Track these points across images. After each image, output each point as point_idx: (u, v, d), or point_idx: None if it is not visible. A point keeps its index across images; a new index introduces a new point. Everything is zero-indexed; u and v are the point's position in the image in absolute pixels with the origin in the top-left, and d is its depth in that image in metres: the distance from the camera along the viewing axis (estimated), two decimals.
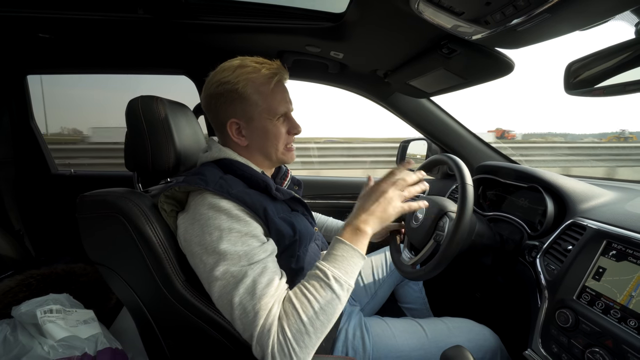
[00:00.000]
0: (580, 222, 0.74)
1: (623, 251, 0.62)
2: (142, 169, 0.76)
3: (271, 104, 0.70)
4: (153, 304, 0.66)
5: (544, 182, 0.91)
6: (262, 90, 0.69)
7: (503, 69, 0.78)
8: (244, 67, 0.69)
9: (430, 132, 1.39)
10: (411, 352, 0.80)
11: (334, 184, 1.57)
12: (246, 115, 0.70)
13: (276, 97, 0.71)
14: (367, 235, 0.63)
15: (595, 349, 0.58)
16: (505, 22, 0.49)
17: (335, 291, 0.57)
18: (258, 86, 0.69)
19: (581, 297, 0.65)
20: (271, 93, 0.70)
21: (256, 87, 0.69)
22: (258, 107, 0.69)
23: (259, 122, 0.71)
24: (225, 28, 0.96)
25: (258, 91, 0.69)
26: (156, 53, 1.19)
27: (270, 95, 0.70)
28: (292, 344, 0.53)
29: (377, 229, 0.64)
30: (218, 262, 0.57)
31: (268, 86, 0.69)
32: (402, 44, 0.87)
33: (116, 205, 0.63)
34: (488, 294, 1.28)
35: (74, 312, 0.87)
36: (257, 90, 0.69)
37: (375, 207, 0.65)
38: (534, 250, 0.84)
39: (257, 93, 0.69)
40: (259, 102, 0.69)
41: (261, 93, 0.69)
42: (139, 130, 0.72)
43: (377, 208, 0.65)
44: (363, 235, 0.63)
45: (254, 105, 0.69)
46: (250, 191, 0.67)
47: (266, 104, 0.70)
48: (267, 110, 0.70)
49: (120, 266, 0.66)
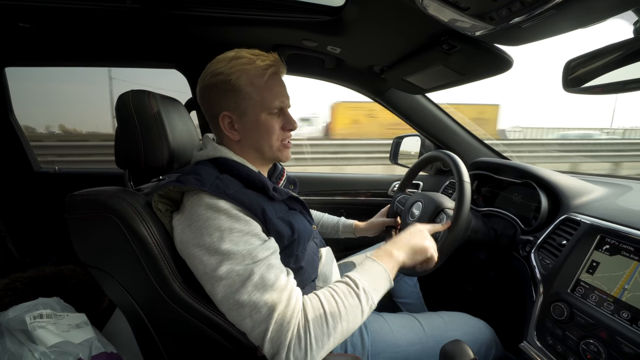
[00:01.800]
0: (574, 218, 0.75)
1: (616, 245, 0.64)
2: (134, 167, 0.73)
3: (265, 98, 0.68)
4: (149, 306, 0.64)
5: (538, 178, 0.92)
6: (256, 82, 0.67)
7: (502, 66, 0.78)
8: (238, 59, 0.67)
9: (424, 128, 1.39)
10: (409, 346, 0.80)
11: (328, 180, 1.57)
12: (239, 109, 0.68)
13: (271, 90, 0.68)
14: (398, 262, 0.66)
15: (589, 340, 0.60)
16: (511, 18, 0.49)
17: (361, 301, 0.57)
18: (252, 78, 0.66)
19: (575, 291, 0.67)
20: (265, 86, 0.68)
21: (250, 79, 0.66)
22: (251, 100, 0.67)
23: (252, 115, 0.68)
24: (218, 20, 0.93)
25: (252, 83, 0.67)
26: (145, 45, 1.14)
27: (265, 88, 0.68)
28: (311, 340, 0.52)
29: (407, 259, 0.68)
30: (221, 262, 0.56)
31: (262, 78, 0.67)
32: (401, 40, 0.86)
33: (109, 205, 0.61)
34: (482, 288, 1.30)
35: (66, 317, 0.83)
36: (250, 82, 0.66)
37: (411, 240, 0.71)
38: (528, 245, 0.86)
39: (250, 85, 0.66)
40: (252, 95, 0.67)
41: (255, 86, 0.67)
42: (130, 126, 0.69)
43: (412, 240, 0.71)
44: (394, 260, 0.66)
45: (247, 98, 0.67)
46: (248, 191, 0.65)
47: (260, 97, 0.67)
48: (261, 104, 0.68)
49: (114, 268, 0.64)
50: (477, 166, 1.19)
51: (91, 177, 1.63)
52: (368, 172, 0.71)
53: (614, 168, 7.71)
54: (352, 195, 1.55)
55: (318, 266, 0.79)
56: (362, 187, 1.56)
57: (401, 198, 1.06)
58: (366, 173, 1.69)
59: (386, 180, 1.58)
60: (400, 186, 1.13)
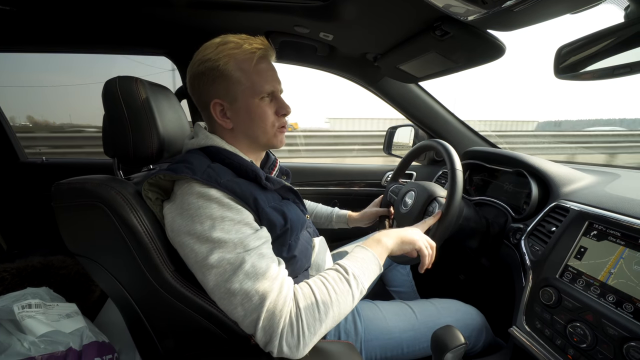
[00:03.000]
0: (564, 205, 0.77)
1: (604, 231, 0.65)
2: (122, 155, 0.71)
3: (255, 82, 0.66)
4: (141, 296, 0.64)
5: (529, 166, 0.93)
6: (244, 67, 0.65)
7: (494, 53, 0.77)
8: (225, 44, 0.65)
9: (417, 117, 1.39)
10: (402, 333, 0.82)
11: (321, 170, 1.56)
12: (229, 95, 0.66)
13: (261, 74, 0.67)
14: (386, 248, 0.68)
15: (576, 323, 0.61)
16: (503, 1, 0.48)
17: (351, 286, 0.58)
18: (240, 63, 0.65)
19: (564, 276, 0.68)
20: (255, 70, 0.66)
21: (238, 64, 0.65)
22: (241, 85, 0.66)
23: (242, 101, 0.67)
24: (208, 4, 0.90)
25: (240, 68, 0.65)
26: (133, 31, 1.11)
27: (254, 72, 0.66)
28: (303, 327, 0.52)
29: (395, 246, 0.70)
30: (212, 251, 0.55)
31: (251, 62, 0.65)
32: (394, 26, 0.85)
33: (97, 193, 0.59)
34: (473, 275, 1.33)
35: (55, 306, 0.82)
36: (239, 67, 0.65)
37: (401, 230, 0.74)
38: (518, 233, 0.87)
39: (239, 70, 0.65)
40: (241, 80, 0.65)
41: (244, 70, 0.65)
42: (118, 114, 0.67)
43: (401, 231, 0.73)
44: (383, 247, 0.68)
45: (236, 83, 0.65)
46: (240, 180, 0.64)
47: (250, 81, 0.66)
48: (251, 89, 0.66)
49: (103, 257, 0.63)
50: (470, 155, 1.19)
51: (80, 167, 1.59)
52: (362, 162, 0.71)
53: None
54: (345, 185, 1.55)
55: (311, 255, 0.79)
56: (355, 177, 1.56)
57: (394, 188, 1.06)
58: (360, 163, 1.69)
59: (380, 171, 1.58)
60: (394, 176, 1.13)
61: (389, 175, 1.56)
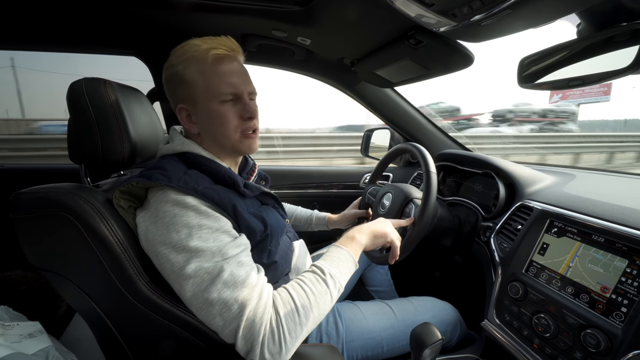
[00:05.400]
0: (528, 204, 0.82)
1: (563, 228, 0.71)
2: (90, 161, 0.68)
3: (212, 83, 0.63)
4: (113, 310, 0.61)
5: (497, 168, 0.99)
6: (201, 68, 0.63)
7: (464, 62, 0.82)
8: (186, 47, 0.64)
9: (393, 121, 1.43)
10: (382, 332, 0.84)
11: (300, 173, 1.56)
12: (190, 99, 0.65)
13: (218, 75, 0.63)
14: (360, 244, 0.69)
15: (540, 314, 0.66)
16: (471, 15, 0.52)
17: (329, 286, 0.59)
18: (199, 65, 0.63)
19: (529, 271, 0.73)
20: (211, 71, 0.63)
21: (197, 67, 0.63)
22: (198, 88, 0.63)
23: (202, 105, 0.64)
24: (182, 5, 0.88)
25: (199, 71, 0.63)
26: (102, 30, 1.04)
27: (211, 73, 0.63)
28: (284, 333, 0.52)
29: (368, 242, 0.71)
30: (189, 260, 0.54)
31: (206, 63, 0.63)
32: (370, 32, 0.87)
33: (62, 202, 0.56)
34: (447, 272, 1.38)
35: (16, 326, 0.75)
36: (198, 70, 0.63)
37: (372, 225, 0.74)
38: (488, 231, 0.92)
39: (197, 72, 0.63)
40: (198, 82, 0.63)
41: (201, 72, 0.63)
42: (84, 117, 0.64)
43: (372, 225, 0.74)
44: (357, 243, 0.69)
45: (194, 86, 0.63)
46: (217, 187, 0.63)
47: (206, 83, 0.63)
48: (209, 91, 0.63)
49: (71, 271, 0.59)
50: (443, 158, 1.25)
51: (42, 174, 1.47)
52: (340, 164, 0.72)
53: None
54: (324, 187, 1.56)
55: (292, 260, 0.79)
56: (334, 179, 1.58)
57: (372, 190, 1.09)
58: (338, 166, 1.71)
59: (358, 173, 1.61)
60: (371, 178, 1.15)
61: (366, 177, 1.59)
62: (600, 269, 0.61)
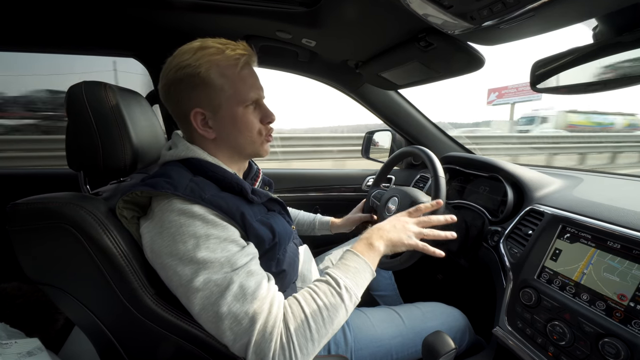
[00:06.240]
0: (538, 209, 0.81)
1: (576, 234, 0.70)
2: (90, 168, 0.65)
3: (240, 90, 0.63)
4: (117, 324, 0.58)
5: (504, 171, 0.98)
6: (228, 74, 0.62)
7: (475, 65, 0.81)
8: (205, 49, 0.61)
9: (396, 123, 1.42)
10: (390, 339, 0.82)
11: (302, 176, 1.54)
12: (212, 104, 0.63)
13: (245, 81, 0.64)
14: (379, 252, 0.65)
15: (555, 322, 0.65)
16: (491, 18, 0.50)
17: (344, 300, 0.56)
18: (223, 69, 0.61)
19: (541, 277, 0.72)
20: (239, 77, 0.63)
21: (221, 71, 0.61)
22: (225, 93, 0.62)
23: (227, 110, 0.63)
24: (183, 5, 0.85)
25: (224, 75, 0.61)
26: (99, 31, 1.01)
27: (238, 79, 0.63)
28: (295, 350, 0.50)
29: (387, 250, 0.66)
30: (197, 272, 0.51)
31: (235, 69, 0.62)
32: (378, 35, 0.85)
33: (63, 213, 0.53)
34: (451, 276, 1.37)
35: (14, 344, 0.71)
36: (222, 74, 0.61)
37: (391, 230, 0.68)
38: (496, 235, 0.91)
39: (222, 77, 0.61)
40: (225, 88, 0.62)
41: (227, 77, 0.62)
42: (84, 122, 0.61)
43: (392, 232, 0.68)
44: (375, 251, 0.65)
45: (219, 91, 0.62)
46: (225, 194, 0.61)
47: (234, 89, 0.63)
48: (236, 97, 0.63)
49: (72, 285, 0.56)
50: (448, 161, 1.24)
51: (36, 180, 1.41)
52: (340, 167, 0.71)
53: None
54: (326, 190, 1.54)
55: (298, 267, 0.77)
56: (336, 182, 1.56)
57: (376, 193, 1.07)
58: (340, 168, 1.70)
59: (360, 175, 1.60)
60: (375, 181, 1.14)
61: (369, 180, 1.57)
62: (616, 278, 0.60)
